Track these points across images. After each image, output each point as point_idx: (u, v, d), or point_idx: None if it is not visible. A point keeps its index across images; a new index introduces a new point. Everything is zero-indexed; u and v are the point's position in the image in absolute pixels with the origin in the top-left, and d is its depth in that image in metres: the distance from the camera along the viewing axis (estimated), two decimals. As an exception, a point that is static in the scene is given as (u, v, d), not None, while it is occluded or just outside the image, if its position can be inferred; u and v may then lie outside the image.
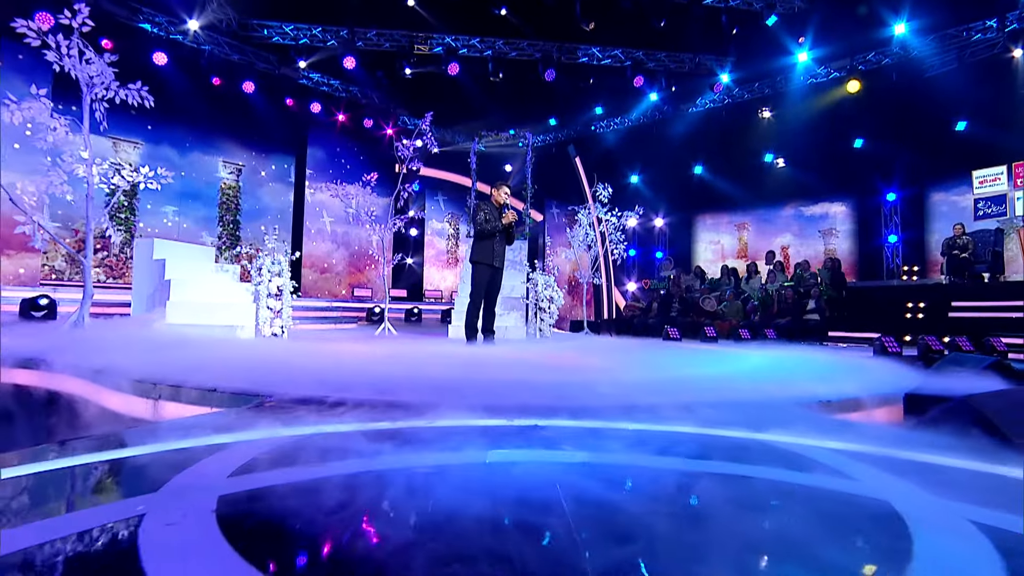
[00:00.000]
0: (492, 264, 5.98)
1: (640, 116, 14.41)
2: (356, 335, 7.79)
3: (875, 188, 11.95)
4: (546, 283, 8.03)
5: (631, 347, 6.39)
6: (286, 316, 5.95)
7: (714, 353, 5.59)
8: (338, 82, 12.15)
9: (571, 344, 6.62)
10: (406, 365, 3.79)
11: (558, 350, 5.50)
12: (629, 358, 4.93)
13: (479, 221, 5.91)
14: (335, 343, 5.70)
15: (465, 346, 5.79)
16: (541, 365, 3.97)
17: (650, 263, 15.65)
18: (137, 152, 10.47)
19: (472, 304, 6.00)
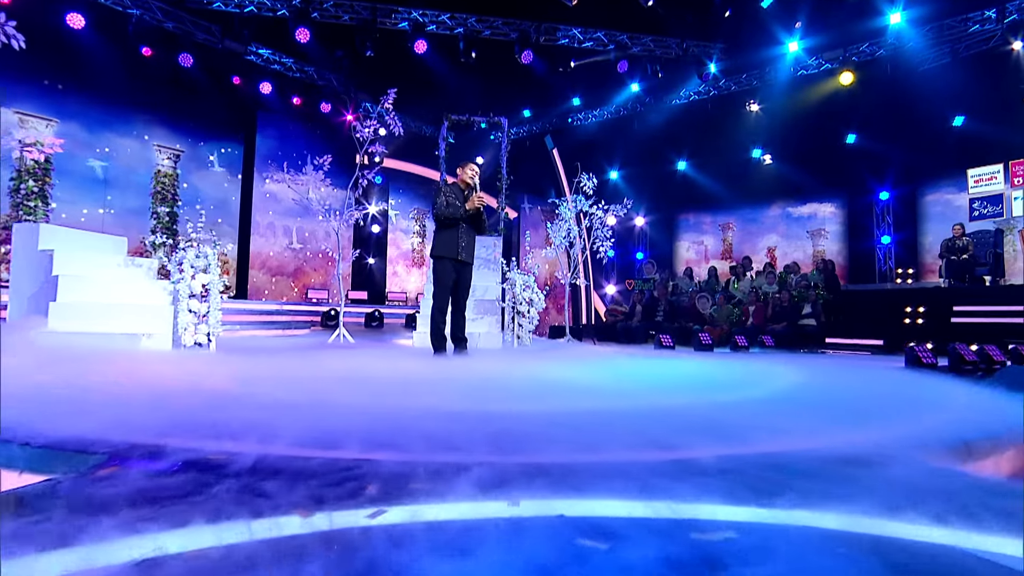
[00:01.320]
0: (457, 258, 5.15)
1: (621, 107, 13.77)
2: (305, 344, 6.83)
3: (867, 186, 11.56)
4: (525, 283, 7.22)
5: (631, 358, 5.62)
6: (214, 321, 4.98)
7: (727, 365, 4.87)
8: (291, 60, 11.11)
9: (559, 355, 5.82)
10: (355, 388, 2.92)
11: (550, 364, 4.69)
12: (648, 375, 4.15)
13: (439, 206, 5.07)
14: (272, 357, 4.76)
15: (432, 359, 4.93)
16: (539, 387, 3.15)
17: (630, 264, 15.02)
18: (50, 130, 9.24)
19: (436, 308, 5.16)
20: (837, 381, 3.82)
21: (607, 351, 7.05)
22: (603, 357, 5.64)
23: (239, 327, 7.83)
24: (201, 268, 4.95)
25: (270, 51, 10.74)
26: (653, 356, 6.28)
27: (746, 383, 3.65)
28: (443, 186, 5.19)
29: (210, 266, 5.00)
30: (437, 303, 5.16)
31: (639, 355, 6.40)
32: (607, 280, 14.89)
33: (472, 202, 5.13)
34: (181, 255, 4.90)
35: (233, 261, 11.61)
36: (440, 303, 5.16)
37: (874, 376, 4.14)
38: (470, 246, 5.30)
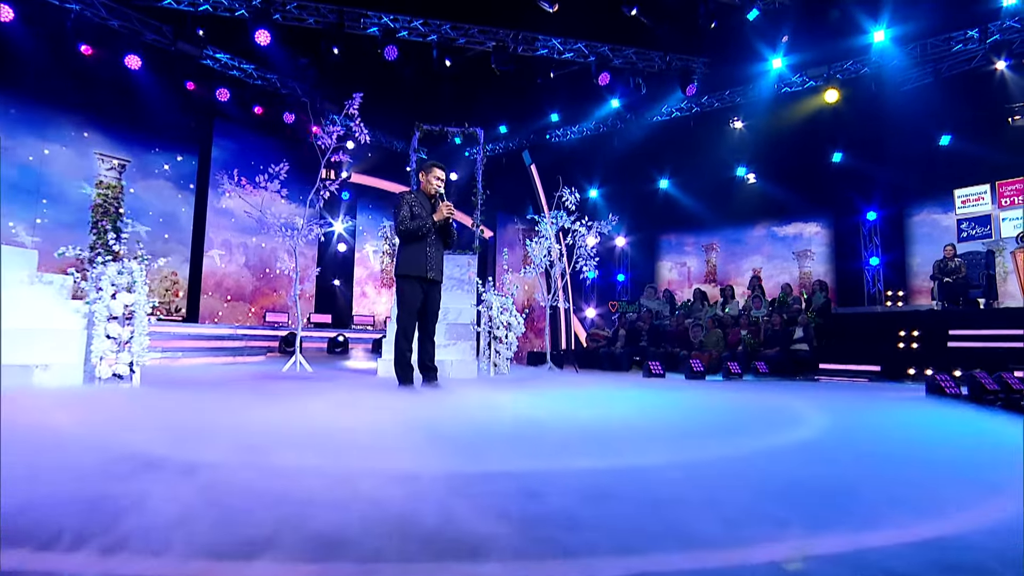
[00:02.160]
0: (425, 276, 4.59)
1: (601, 123, 13.48)
2: (255, 373, 6.13)
3: (853, 206, 11.39)
4: (502, 306, 6.67)
5: (625, 390, 5.06)
6: (139, 349, 4.28)
7: (732, 397, 4.36)
8: (252, 67, 10.52)
9: (544, 385, 5.24)
10: (305, 439, 2.30)
11: (538, 397, 4.10)
12: (658, 410, 3.60)
13: (403, 219, 4.52)
14: (208, 392, 4.09)
15: (399, 394, 4.31)
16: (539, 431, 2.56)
17: (611, 286, 14.61)
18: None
19: (401, 332, 4.56)
20: (872, 419, 3.33)
21: (593, 380, 6.51)
22: (593, 388, 5.09)
23: (182, 354, 7.08)
24: (124, 286, 4.27)
25: (228, 55, 10.14)
26: (646, 386, 5.76)
27: (770, 422, 3.13)
28: (406, 196, 4.63)
29: (135, 284, 4.32)
30: (402, 328, 4.57)
31: (631, 385, 5.88)
32: (587, 303, 14.43)
33: (440, 212, 4.59)
34: (100, 271, 4.22)
35: (184, 281, 10.80)
36: (405, 328, 4.57)
37: (908, 412, 3.66)
38: (439, 263, 4.74)
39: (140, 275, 4.35)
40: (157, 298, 10.48)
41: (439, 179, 4.72)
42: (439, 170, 4.75)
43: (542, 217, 8.02)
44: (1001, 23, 9.58)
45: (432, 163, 4.77)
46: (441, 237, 4.76)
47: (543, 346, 8.51)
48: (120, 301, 4.21)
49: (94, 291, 4.16)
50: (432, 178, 4.69)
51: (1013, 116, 9.82)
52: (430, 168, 4.73)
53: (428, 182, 4.69)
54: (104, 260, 4.26)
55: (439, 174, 4.73)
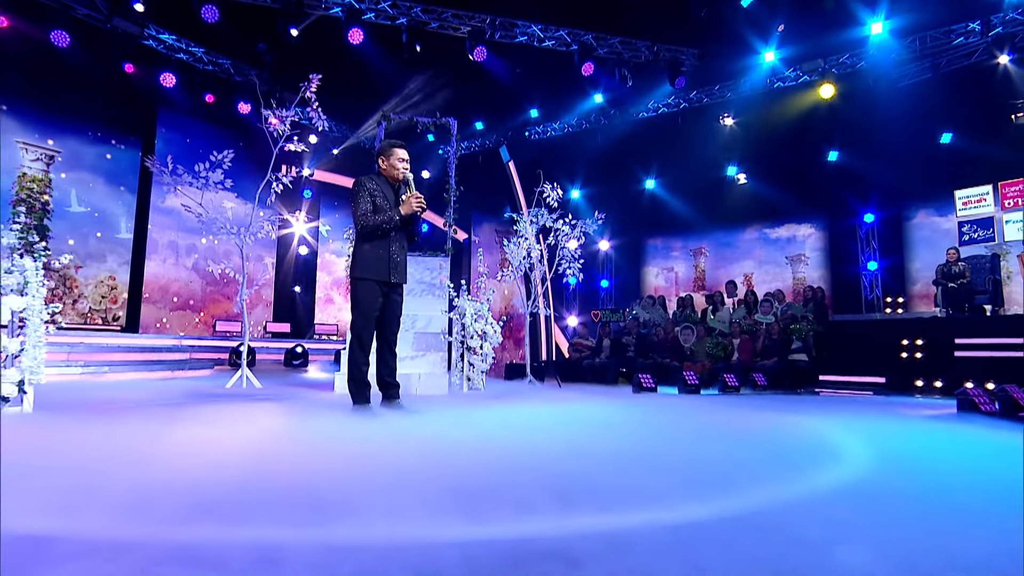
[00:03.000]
0: (387, 280, 4.04)
1: (583, 119, 13.07)
2: (189, 391, 5.47)
3: (849, 208, 11.12)
4: (477, 312, 6.12)
5: (617, 407, 4.53)
6: (31, 364, 3.62)
7: (740, 416, 3.86)
8: (201, 50, 9.84)
9: (526, 403, 4.69)
10: (232, 492, 1.72)
11: (522, 421, 3.55)
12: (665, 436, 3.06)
13: (364, 212, 3.96)
14: (119, 421, 3.46)
15: (348, 416, 3.74)
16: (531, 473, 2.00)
17: (594, 293, 14.15)
18: None
19: (356, 343, 4.00)
20: (922, 449, 2.85)
21: (578, 395, 5.98)
22: (577, 404, 4.56)
23: (108, 368, 6.38)
24: (14, 288, 3.62)
25: (174, 37, 9.45)
26: (636, 402, 5.26)
27: (797, 453, 2.63)
28: (366, 184, 4.06)
29: (27, 285, 3.67)
30: (357, 337, 4.00)
31: (620, 400, 5.37)
32: (568, 310, 13.95)
33: (408, 204, 4.03)
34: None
35: (124, 287, 10.02)
36: (361, 337, 4.00)
37: (958, 437, 3.20)
38: (403, 263, 4.19)
39: (35, 275, 3.70)
40: (91, 304, 9.73)
41: (404, 160, 4.17)
42: (402, 150, 4.20)
43: (521, 215, 7.50)
44: (1004, 15, 9.40)
45: (392, 143, 4.22)
46: (405, 232, 4.21)
47: (523, 357, 7.97)
48: (7, 306, 3.56)
49: (-27, 294, 3.50)
50: (396, 161, 4.14)
51: (1016, 113, 9.63)
52: (391, 149, 4.18)
53: (391, 166, 4.14)
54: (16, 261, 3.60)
55: (403, 155, 4.18)
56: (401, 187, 4.21)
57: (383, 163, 4.18)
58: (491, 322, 6.21)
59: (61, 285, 9.31)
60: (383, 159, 4.18)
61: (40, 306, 3.73)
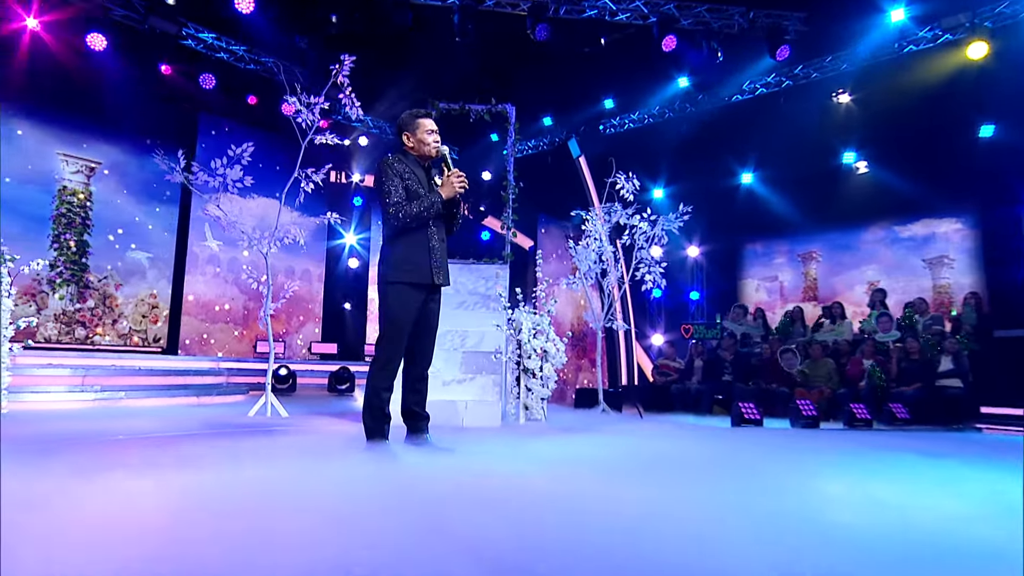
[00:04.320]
0: (431, 281, 3.46)
1: (666, 107, 12.22)
2: (205, 421, 5.10)
3: (1010, 195, 9.58)
4: (535, 327, 5.42)
5: (722, 451, 3.64)
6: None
7: (921, 477, 2.93)
8: (243, 48, 9.82)
9: (601, 444, 3.91)
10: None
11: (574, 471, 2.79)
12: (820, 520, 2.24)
13: (398, 201, 3.41)
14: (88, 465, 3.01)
15: (361, 457, 3.14)
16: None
17: (681, 307, 13.11)
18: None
19: (381, 364, 3.41)
20: None
21: (664, 429, 5.12)
22: (663, 444, 3.73)
23: (124, 394, 6.17)
24: (-29, 298, 3.28)
25: (213, 35, 9.47)
26: (740, 440, 4.36)
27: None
28: (392, 166, 3.49)
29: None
30: (386, 356, 3.40)
31: (719, 437, 4.49)
32: (653, 327, 12.96)
33: (449, 184, 3.46)
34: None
35: (165, 305, 10.07)
36: (390, 356, 3.41)
37: None
38: (444, 259, 3.59)
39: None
40: (131, 324, 9.81)
41: (433, 132, 3.60)
42: (428, 120, 3.63)
43: (591, 211, 6.75)
44: None
45: (415, 113, 3.64)
46: (443, 221, 3.63)
47: (597, 381, 7.16)
48: (-38, 319, 3.21)
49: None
50: (423, 134, 3.58)
51: None
52: (415, 121, 3.60)
53: (420, 141, 3.58)
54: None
55: (430, 125, 3.62)
56: (433, 164, 3.65)
57: (408, 139, 3.61)
58: (553, 338, 5.49)
59: (101, 304, 9.41)
60: (407, 135, 3.61)
61: (3, 320, 3.38)
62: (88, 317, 9.25)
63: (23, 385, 5.81)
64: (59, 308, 9.00)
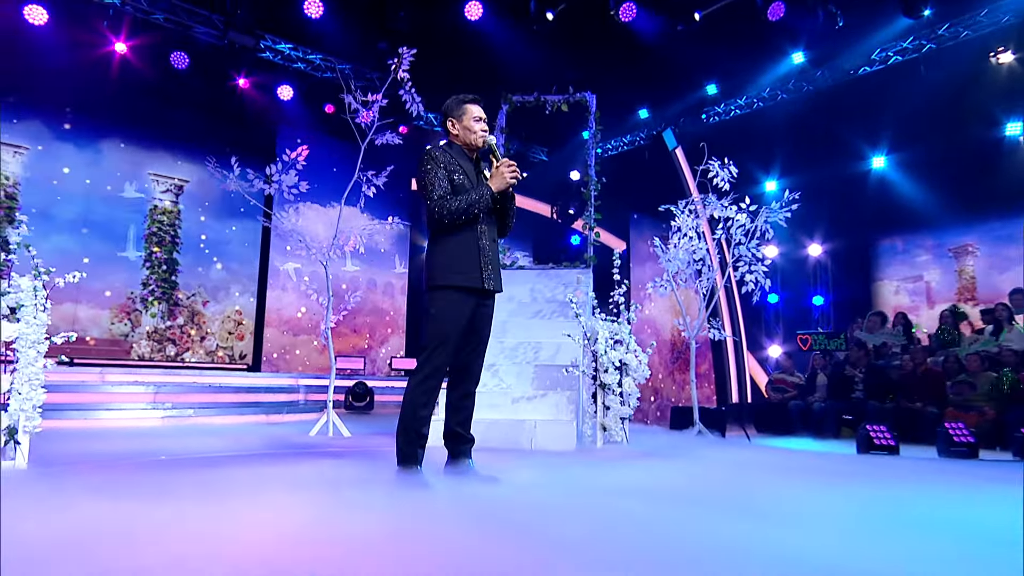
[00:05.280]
0: (480, 286, 3.19)
1: (778, 88, 11.37)
2: (266, 441, 5.10)
3: None
4: (613, 336, 5.00)
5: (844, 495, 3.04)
6: (20, 408, 3.31)
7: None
8: (319, 56, 10.13)
9: (667, 472, 3.45)
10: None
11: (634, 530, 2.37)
12: None
13: (441, 195, 3.17)
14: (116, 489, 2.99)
15: (389, 486, 2.90)
16: None
17: (803, 314, 12.03)
18: (19, 161, 8.76)
19: (421, 377, 3.15)
20: None
21: (773, 459, 4.50)
22: (766, 481, 3.18)
23: (192, 411, 6.38)
24: (4, 314, 3.36)
25: (290, 46, 9.82)
26: (867, 473, 3.71)
27: None
28: (436, 156, 3.25)
29: (23, 309, 3.40)
30: (431, 368, 3.13)
31: (840, 468, 3.86)
32: (770, 337, 11.99)
33: (500, 175, 3.19)
34: (-32, 290, 3.34)
35: (250, 321, 10.50)
36: (436, 368, 3.14)
37: None
38: (496, 262, 3.31)
39: (32, 297, 3.42)
40: (218, 341, 10.29)
41: (480, 120, 3.34)
42: (476, 107, 3.36)
43: (681, 205, 6.21)
44: None
45: (462, 98, 3.39)
46: (495, 219, 3.36)
47: (693, 398, 6.57)
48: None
49: (-43, 320, 3.28)
50: (470, 121, 3.33)
51: None
52: (461, 107, 3.35)
53: (466, 129, 3.33)
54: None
55: (477, 112, 3.35)
56: (483, 154, 3.39)
57: (453, 126, 3.37)
58: (634, 349, 5.03)
59: (190, 321, 9.93)
60: (452, 121, 3.37)
61: (39, 334, 3.45)
62: (178, 334, 9.79)
63: (100, 402, 6.16)
64: (151, 326, 9.58)
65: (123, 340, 9.33)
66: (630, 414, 5.01)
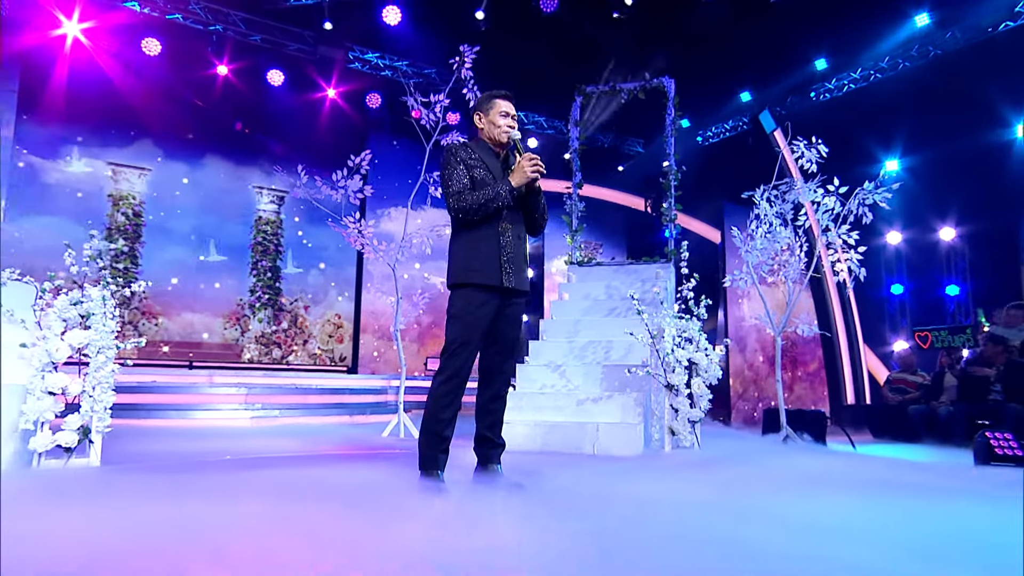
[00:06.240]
0: (500, 283, 3.08)
1: (899, 57, 10.45)
2: (334, 441, 5.30)
3: None
4: (681, 333, 4.73)
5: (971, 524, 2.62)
6: (93, 409, 3.61)
7: None
8: (405, 63, 10.42)
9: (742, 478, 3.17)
10: None
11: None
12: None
13: (459, 189, 3.14)
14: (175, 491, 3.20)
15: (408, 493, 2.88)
16: None
17: (934, 306, 10.85)
18: (144, 181, 9.67)
19: (440, 379, 3.14)
20: None
21: (865, 471, 4.03)
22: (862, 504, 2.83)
23: (279, 412, 6.74)
24: (78, 318, 3.68)
25: (376, 54, 10.17)
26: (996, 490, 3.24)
27: None
28: (457, 152, 3.23)
29: (92, 317, 3.70)
30: (452, 369, 3.10)
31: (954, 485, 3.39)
32: (895, 332, 10.93)
33: (521, 170, 3.10)
34: (45, 300, 3.68)
35: (348, 324, 10.99)
36: (451, 371, 3.10)
37: None
38: (521, 258, 3.23)
39: (101, 305, 3.72)
40: (319, 344, 10.85)
41: (507, 116, 3.25)
42: (505, 102, 3.28)
43: (762, 190, 5.74)
44: None
45: (492, 94, 3.33)
46: (522, 215, 3.27)
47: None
48: (68, 341, 3.61)
49: (36, 326, 3.62)
50: (496, 116, 3.26)
51: None
52: (490, 102, 3.30)
53: (491, 124, 3.27)
54: (59, 286, 3.73)
55: (505, 107, 3.27)
56: (509, 152, 3.30)
57: (480, 119, 3.32)
58: (704, 347, 4.72)
59: (293, 325, 10.53)
60: (480, 114, 3.32)
61: (108, 340, 3.74)
62: (282, 338, 10.41)
63: (200, 403, 6.66)
64: (259, 331, 10.26)
65: (234, 344, 10.05)
66: (701, 417, 4.71)
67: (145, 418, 5.91)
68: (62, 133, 9.10)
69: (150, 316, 9.42)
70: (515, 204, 3.15)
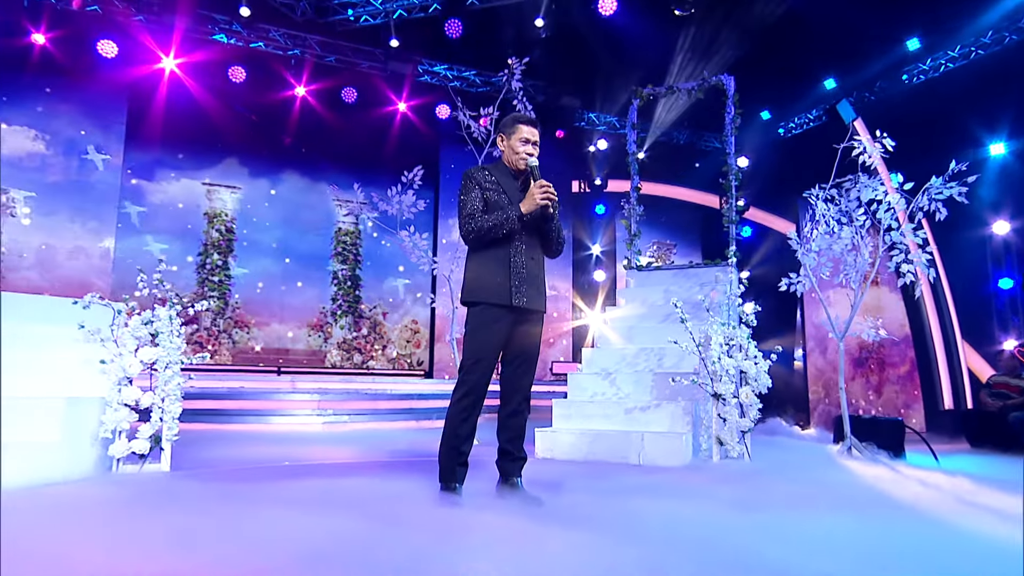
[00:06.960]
0: (508, 303, 3.16)
1: (1002, 31, 9.73)
2: (391, 447, 5.55)
3: None
4: (729, 340, 4.63)
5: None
6: (162, 420, 3.99)
7: None
8: (473, 72, 10.66)
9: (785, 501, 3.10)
10: None
11: None
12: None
13: (470, 212, 3.24)
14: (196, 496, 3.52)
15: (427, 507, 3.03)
16: None
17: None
18: (235, 198, 10.41)
19: (457, 395, 3.29)
20: None
21: (928, 490, 3.79)
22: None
23: (348, 417, 7.09)
24: (149, 336, 4.08)
25: (445, 66, 10.47)
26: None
27: None
28: (474, 176, 3.33)
29: (160, 335, 4.09)
30: (468, 386, 3.23)
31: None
32: (1005, 331, 10.05)
33: (531, 198, 3.16)
34: (121, 320, 4.09)
35: (425, 330, 11.36)
36: (467, 387, 3.23)
37: None
38: (534, 279, 3.31)
39: (168, 324, 4.10)
40: (398, 349, 11.27)
41: (528, 142, 3.32)
42: (528, 127, 3.35)
43: (819, 188, 5.46)
44: None
45: (516, 117, 3.40)
46: (538, 238, 3.35)
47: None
48: (140, 357, 4.01)
49: (113, 342, 4.04)
50: (517, 142, 3.33)
51: None
52: (514, 126, 3.37)
53: (511, 148, 3.35)
54: (131, 307, 4.15)
55: (527, 133, 3.33)
56: (524, 175, 3.37)
57: (501, 142, 3.42)
58: (753, 355, 4.59)
59: (372, 331, 11.02)
60: (502, 136, 3.41)
61: (176, 355, 4.12)
62: (363, 344, 10.91)
63: (275, 409, 7.13)
64: (340, 337, 10.80)
65: (318, 350, 10.63)
66: (751, 427, 4.58)
67: (228, 423, 6.40)
68: (161, 156, 9.98)
69: (242, 326, 10.11)
70: (528, 228, 3.23)
